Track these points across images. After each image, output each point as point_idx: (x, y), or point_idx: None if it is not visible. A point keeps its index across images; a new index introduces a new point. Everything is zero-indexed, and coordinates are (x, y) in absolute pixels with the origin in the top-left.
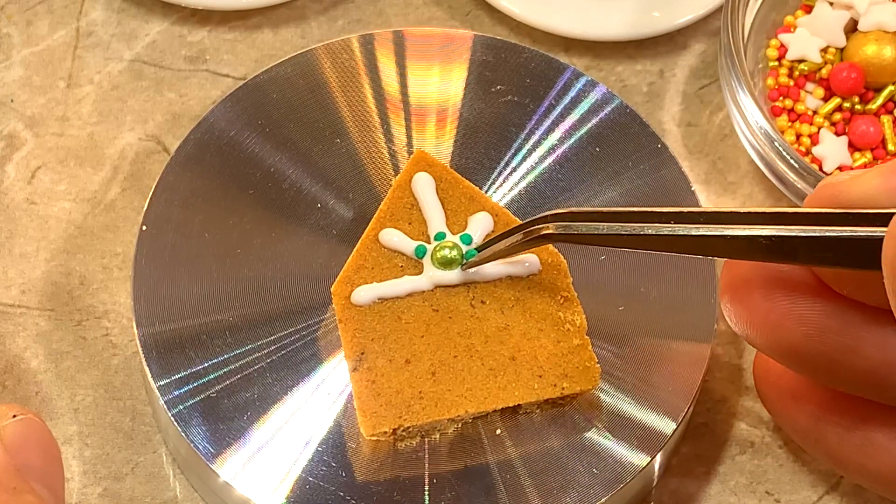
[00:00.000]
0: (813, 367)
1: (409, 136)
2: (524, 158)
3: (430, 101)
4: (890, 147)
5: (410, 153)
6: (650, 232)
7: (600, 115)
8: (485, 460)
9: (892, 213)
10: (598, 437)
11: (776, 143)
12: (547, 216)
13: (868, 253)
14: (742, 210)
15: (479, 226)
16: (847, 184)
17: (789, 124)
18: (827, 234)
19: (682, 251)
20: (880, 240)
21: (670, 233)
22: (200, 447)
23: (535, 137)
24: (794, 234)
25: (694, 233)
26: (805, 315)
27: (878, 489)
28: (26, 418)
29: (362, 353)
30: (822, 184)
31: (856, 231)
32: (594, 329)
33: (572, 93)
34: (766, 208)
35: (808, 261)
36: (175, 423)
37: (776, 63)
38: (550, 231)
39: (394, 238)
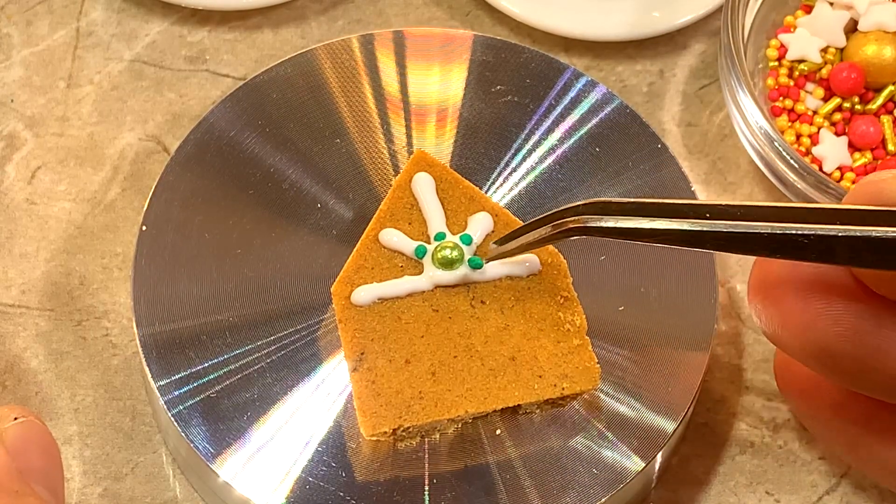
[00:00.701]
0: (844, 370)
1: (409, 136)
2: (524, 158)
3: (430, 101)
4: (890, 147)
5: (410, 153)
6: (685, 227)
7: (600, 116)
8: (485, 460)
9: None
10: (598, 437)
11: (776, 143)
12: (578, 206)
13: None
14: (780, 205)
15: (479, 226)
16: (889, 182)
17: (789, 124)
18: (868, 233)
19: (717, 248)
20: None
21: (707, 229)
22: (200, 447)
23: (535, 137)
24: (834, 233)
25: (731, 229)
26: (840, 316)
27: (894, 485)
28: (27, 420)
29: (362, 354)
30: (863, 181)
31: None
32: (594, 329)
33: (572, 93)
34: (804, 203)
35: (847, 261)
36: (175, 423)
37: (776, 63)
38: (581, 224)
39: (394, 238)
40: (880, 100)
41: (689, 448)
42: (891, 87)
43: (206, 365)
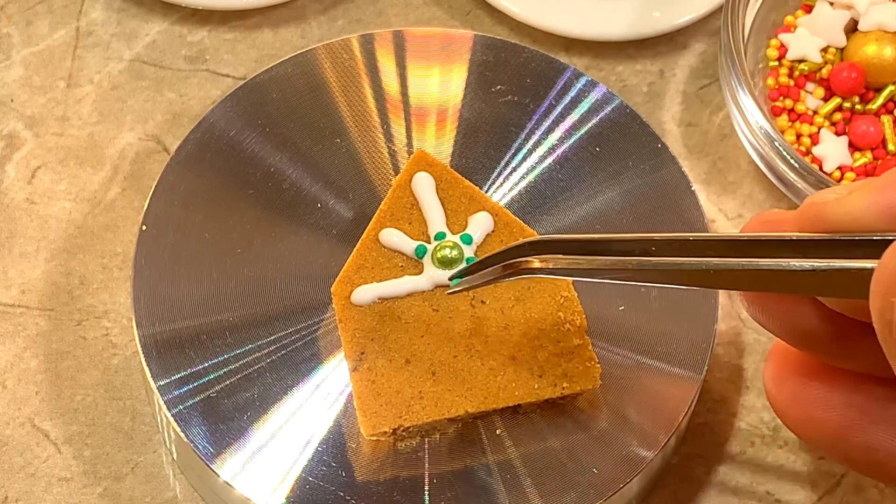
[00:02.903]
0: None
1: (409, 136)
2: (524, 158)
3: (430, 101)
4: (890, 147)
5: (410, 153)
6: (632, 266)
7: (600, 115)
8: (485, 460)
9: (883, 241)
10: (598, 437)
11: (776, 143)
12: (524, 245)
13: (862, 283)
14: (725, 237)
15: (480, 226)
16: (832, 206)
17: (789, 124)
18: (823, 267)
19: (669, 283)
20: (870, 271)
21: (653, 267)
22: (200, 447)
23: (535, 137)
24: (788, 267)
25: (679, 267)
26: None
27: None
28: None
29: (362, 353)
30: (807, 202)
31: (844, 264)
32: (594, 329)
33: (572, 93)
34: (747, 235)
35: (805, 291)
36: (175, 423)
37: (776, 63)
38: (535, 265)
39: (394, 238)
40: (880, 100)
41: (689, 448)
42: (891, 87)
43: (206, 365)
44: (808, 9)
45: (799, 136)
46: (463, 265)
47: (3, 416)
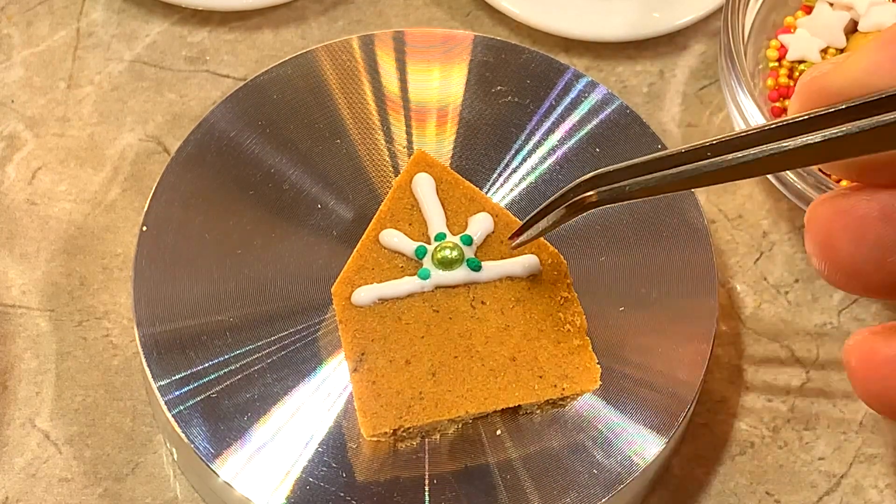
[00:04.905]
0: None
1: (409, 137)
2: (525, 159)
3: (430, 102)
4: None
5: (410, 153)
6: (690, 171)
7: (600, 116)
8: (485, 461)
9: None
10: (598, 437)
11: None
12: (581, 184)
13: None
14: (764, 126)
15: (480, 226)
16: (832, 75)
17: None
18: (868, 124)
19: (733, 178)
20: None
21: (717, 167)
22: (200, 447)
23: (535, 138)
24: (837, 134)
25: (738, 161)
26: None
27: None
28: None
29: (363, 354)
30: (803, 79)
31: (878, 121)
32: (594, 329)
33: (573, 94)
34: (775, 122)
35: (858, 153)
36: (175, 424)
37: (776, 64)
38: (594, 198)
39: (394, 239)
40: None
41: (689, 448)
42: None
43: (207, 365)
44: (808, 10)
45: None
46: (463, 265)
47: (4, 416)
